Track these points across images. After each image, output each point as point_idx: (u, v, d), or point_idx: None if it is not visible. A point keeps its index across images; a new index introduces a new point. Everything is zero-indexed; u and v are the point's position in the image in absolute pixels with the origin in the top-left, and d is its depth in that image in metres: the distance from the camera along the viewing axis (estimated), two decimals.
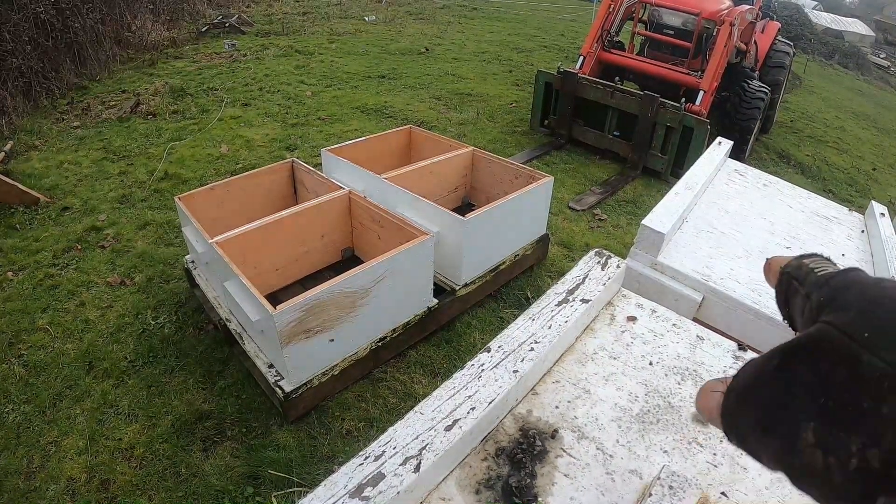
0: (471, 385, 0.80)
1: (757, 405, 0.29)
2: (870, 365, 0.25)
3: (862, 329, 0.26)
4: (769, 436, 0.28)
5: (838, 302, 0.29)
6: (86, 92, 6.44)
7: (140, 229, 3.98)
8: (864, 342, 0.25)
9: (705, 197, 1.70)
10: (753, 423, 0.29)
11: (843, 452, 0.24)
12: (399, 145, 4.18)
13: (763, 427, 0.29)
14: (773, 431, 0.28)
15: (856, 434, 0.24)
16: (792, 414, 0.27)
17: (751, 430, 0.30)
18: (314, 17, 10.69)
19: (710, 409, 0.33)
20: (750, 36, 6.57)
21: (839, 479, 0.25)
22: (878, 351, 0.25)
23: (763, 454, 0.30)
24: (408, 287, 2.81)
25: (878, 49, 18.79)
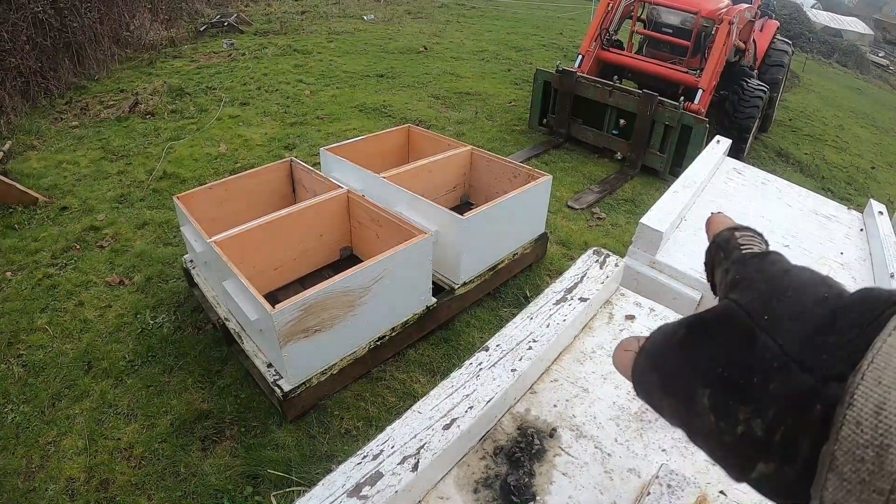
0: (469, 384, 0.80)
1: (661, 369, 0.32)
2: (764, 345, 0.27)
3: (762, 312, 0.28)
4: (670, 397, 0.31)
5: (748, 283, 0.31)
6: (84, 91, 6.43)
7: (139, 229, 3.97)
8: (762, 324, 0.28)
9: (704, 195, 1.70)
10: (658, 383, 0.32)
11: (731, 419, 0.27)
12: (398, 144, 4.18)
13: (665, 389, 0.32)
14: (674, 394, 0.31)
15: (744, 404, 0.27)
16: (691, 379, 0.30)
17: (655, 390, 0.33)
18: (313, 16, 10.68)
19: (623, 366, 0.36)
20: (749, 34, 6.57)
21: (728, 441, 0.28)
22: (773, 334, 0.27)
23: (664, 411, 0.33)
24: (406, 286, 2.81)
25: (877, 48, 18.80)
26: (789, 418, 0.25)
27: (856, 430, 0.22)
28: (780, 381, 0.26)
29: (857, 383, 0.23)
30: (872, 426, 0.22)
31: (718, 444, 0.28)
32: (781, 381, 0.26)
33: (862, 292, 0.27)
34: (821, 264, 1.44)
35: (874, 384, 0.22)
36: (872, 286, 0.27)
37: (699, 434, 0.30)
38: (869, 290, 0.27)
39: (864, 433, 0.22)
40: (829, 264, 1.45)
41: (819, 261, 1.45)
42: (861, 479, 0.22)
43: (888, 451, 0.21)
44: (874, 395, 0.22)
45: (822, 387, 0.24)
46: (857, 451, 0.22)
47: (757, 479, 0.27)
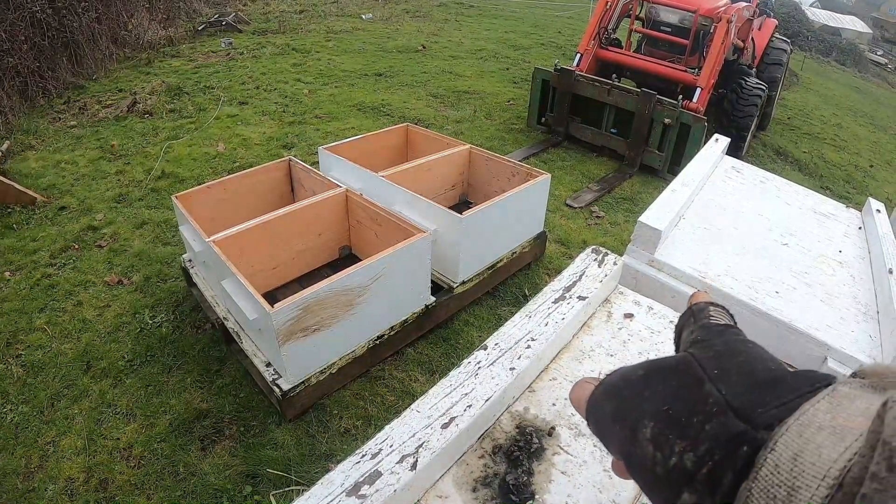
0: (467, 383, 0.80)
1: (616, 400, 0.36)
2: (709, 392, 0.31)
3: (713, 367, 0.33)
4: (618, 425, 0.35)
5: (707, 343, 0.36)
6: (82, 91, 6.42)
7: (137, 228, 3.97)
8: (711, 375, 0.32)
9: (702, 194, 1.70)
10: (610, 413, 0.36)
11: (668, 450, 0.30)
12: (396, 143, 4.18)
13: (615, 418, 0.35)
14: (622, 423, 0.34)
15: (681, 439, 0.30)
16: (639, 412, 0.33)
17: (605, 419, 0.36)
18: (311, 14, 10.66)
19: (579, 399, 0.40)
20: (747, 33, 6.57)
21: (660, 472, 0.30)
22: (719, 385, 0.31)
23: (611, 441, 0.36)
24: (405, 285, 2.81)
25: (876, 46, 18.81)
26: (718, 455, 0.28)
27: (773, 472, 0.25)
28: (716, 423, 0.29)
29: (782, 433, 0.26)
30: (788, 469, 0.25)
31: (651, 475, 0.31)
32: (717, 424, 0.29)
33: (805, 371, 0.31)
34: (819, 262, 1.44)
35: (796, 436, 0.26)
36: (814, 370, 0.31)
37: (636, 463, 0.33)
38: (811, 370, 0.31)
39: (780, 474, 0.25)
40: (828, 262, 1.45)
41: (818, 259, 1.45)
42: None
43: (798, 492, 0.24)
44: (794, 444, 0.25)
45: (751, 432, 0.28)
46: (771, 489, 0.25)
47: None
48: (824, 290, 1.33)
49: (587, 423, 0.40)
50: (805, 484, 0.24)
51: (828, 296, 1.31)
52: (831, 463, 0.24)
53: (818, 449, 0.24)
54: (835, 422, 0.25)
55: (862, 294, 1.34)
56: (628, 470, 0.35)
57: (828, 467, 0.24)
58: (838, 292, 1.33)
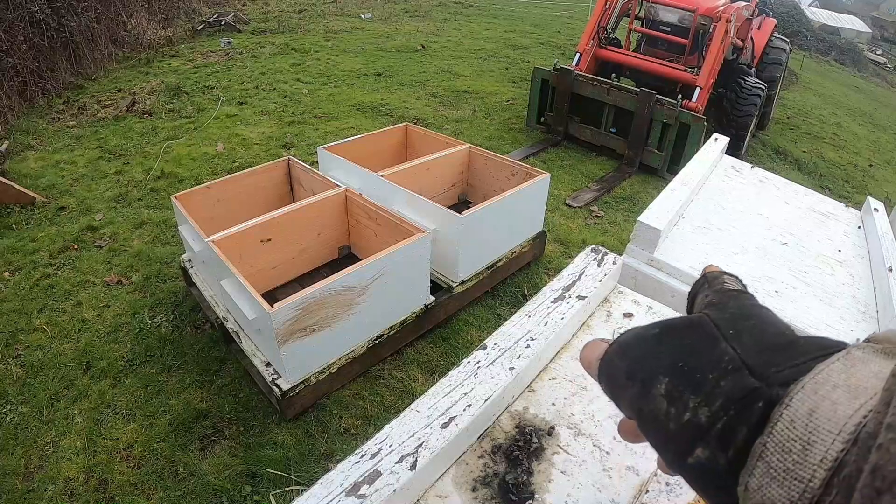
0: (467, 382, 0.80)
1: (629, 357, 0.36)
2: (724, 350, 0.31)
3: (728, 327, 0.33)
4: (630, 381, 0.35)
5: (722, 305, 0.36)
6: (81, 91, 6.42)
7: (136, 228, 3.97)
8: (726, 335, 0.32)
9: (702, 193, 1.70)
10: (623, 370, 0.36)
11: (682, 405, 0.31)
12: (395, 143, 4.18)
13: (628, 375, 0.35)
14: (635, 378, 0.35)
15: (695, 394, 0.30)
16: (653, 368, 0.33)
17: (618, 376, 0.37)
18: (310, 14, 10.66)
19: (590, 359, 0.41)
20: (746, 32, 6.57)
21: (673, 427, 0.31)
22: (732, 344, 0.32)
23: (622, 398, 0.36)
24: (405, 285, 2.81)
25: (875, 45, 18.82)
26: (732, 410, 0.29)
27: (789, 427, 0.26)
28: (731, 380, 0.30)
29: (798, 390, 0.26)
30: (804, 424, 0.25)
31: (664, 430, 0.32)
32: (732, 380, 0.29)
33: (816, 336, 0.31)
34: (819, 261, 1.44)
35: (811, 393, 0.26)
36: (826, 336, 0.31)
37: (649, 419, 0.33)
38: (823, 337, 0.31)
39: (795, 429, 0.25)
40: (827, 261, 1.45)
41: (817, 258, 1.45)
42: (786, 468, 0.25)
43: (814, 446, 0.24)
44: (810, 401, 0.26)
45: (766, 389, 0.28)
46: (787, 443, 0.25)
47: (691, 465, 0.30)
48: (823, 289, 1.33)
49: (598, 382, 0.40)
50: (821, 438, 0.24)
51: (827, 295, 1.31)
52: (846, 419, 0.24)
53: (833, 406, 0.25)
54: (849, 381, 0.26)
55: (861, 293, 1.34)
56: (640, 427, 0.35)
57: (843, 422, 0.24)
58: (837, 292, 1.33)
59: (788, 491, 0.25)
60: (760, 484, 0.26)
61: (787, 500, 0.25)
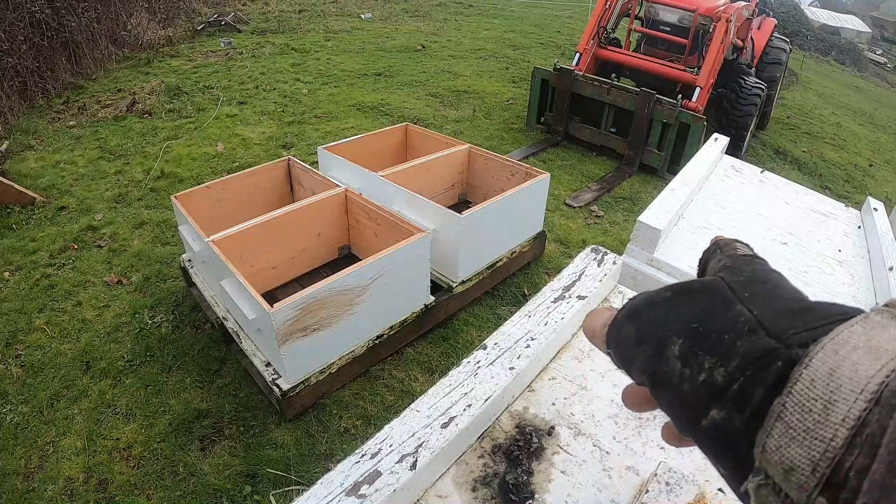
0: (467, 382, 0.80)
1: (641, 320, 0.35)
2: (739, 312, 0.31)
3: (743, 290, 0.32)
4: (641, 345, 0.34)
5: (736, 269, 0.35)
6: (82, 91, 6.42)
7: (136, 228, 3.97)
8: (741, 297, 0.32)
9: (701, 193, 1.70)
10: (634, 333, 0.35)
11: (696, 366, 0.30)
12: (395, 143, 4.18)
13: (639, 338, 0.35)
14: (646, 341, 0.34)
15: (711, 355, 0.30)
16: (666, 330, 0.33)
17: (629, 340, 0.36)
18: (310, 14, 10.66)
19: (594, 326, 0.40)
20: (746, 32, 6.57)
21: (687, 388, 0.30)
22: (748, 305, 0.31)
23: (633, 363, 0.35)
24: (405, 285, 2.81)
25: (875, 45, 18.82)
26: (749, 370, 0.28)
27: (809, 386, 0.25)
28: (747, 341, 0.29)
29: (818, 351, 0.26)
30: (824, 384, 0.25)
31: (677, 392, 0.31)
32: (749, 341, 0.29)
33: (835, 303, 0.30)
34: (819, 261, 1.44)
35: (831, 353, 0.25)
36: (841, 303, 0.30)
37: (662, 382, 0.32)
38: (838, 303, 0.30)
39: (815, 389, 0.25)
40: (827, 261, 1.45)
41: (817, 258, 1.45)
42: (806, 428, 0.25)
43: (835, 405, 0.24)
44: (830, 361, 0.25)
45: (784, 350, 0.28)
46: (807, 403, 0.25)
47: (705, 427, 0.29)
48: (824, 289, 1.33)
49: (606, 349, 0.39)
50: (842, 398, 0.24)
51: (827, 295, 1.31)
52: (868, 378, 0.24)
53: (854, 366, 0.25)
54: (870, 343, 0.25)
55: (861, 293, 1.34)
56: (652, 391, 0.34)
57: (865, 382, 0.24)
58: (838, 291, 1.33)
59: (808, 451, 0.24)
60: (779, 444, 0.25)
61: (807, 460, 0.24)
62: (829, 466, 0.24)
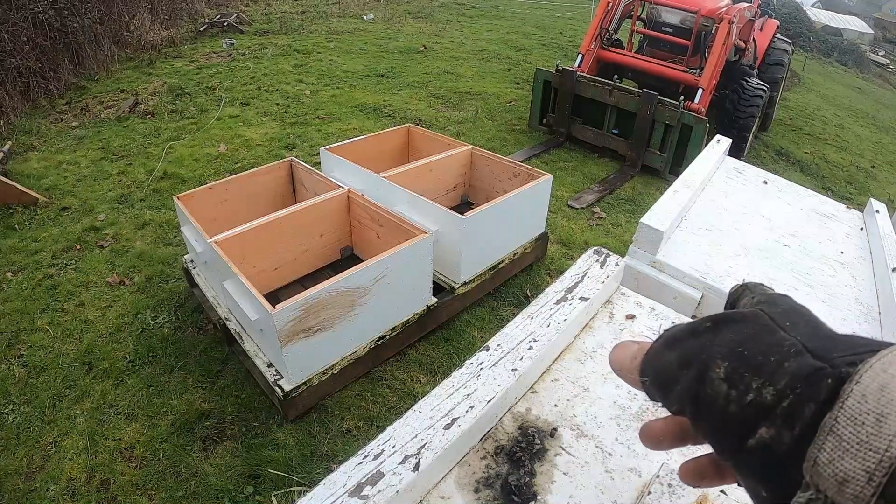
0: (470, 384, 0.80)
1: (682, 347, 0.36)
2: (783, 337, 0.31)
3: (784, 320, 0.33)
4: (685, 368, 0.34)
5: (773, 303, 0.36)
6: (84, 92, 6.43)
7: (139, 229, 3.97)
8: (782, 326, 0.33)
9: (704, 195, 1.70)
10: (675, 359, 0.36)
11: (743, 387, 0.30)
12: (398, 144, 4.18)
13: (682, 362, 0.35)
14: (690, 365, 0.34)
15: (758, 376, 0.30)
16: (710, 354, 0.33)
17: (669, 366, 0.36)
18: (312, 15, 10.67)
19: (623, 359, 0.41)
20: (749, 34, 6.57)
21: (734, 409, 0.31)
22: (791, 332, 0.32)
23: (673, 389, 0.35)
24: (407, 286, 2.81)
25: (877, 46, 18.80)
26: (799, 388, 0.28)
27: (860, 401, 0.26)
28: (794, 362, 0.30)
29: (867, 369, 0.27)
30: (875, 399, 0.25)
31: (722, 414, 0.31)
32: (796, 362, 0.30)
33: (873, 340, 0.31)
34: (821, 263, 1.44)
35: (880, 371, 0.26)
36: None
37: (706, 403, 0.33)
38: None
39: (867, 403, 0.26)
40: (830, 263, 1.45)
41: (819, 260, 1.45)
42: (859, 440, 0.25)
43: (887, 418, 0.25)
44: (880, 377, 0.26)
45: (831, 369, 0.28)
46: (859, 416, 0.26)
47: (751, 447, 0.30)
48: (826, 291, 1.33)
49: (642, 376, 0.39)
50: (895, 411, 0.25)
51: (830, 297, 1.31)
52: None
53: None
54: None
55: (864, 295, 1.34)
56: (693, 416, 0.34)
57: None
58: (840, 293, 1.33)
59: (863, 462, 0.25)
60: (832, 458, 0.26)
61: (862, 471, 0.25)
62: (885, 475, 0.24)
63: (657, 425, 0.41)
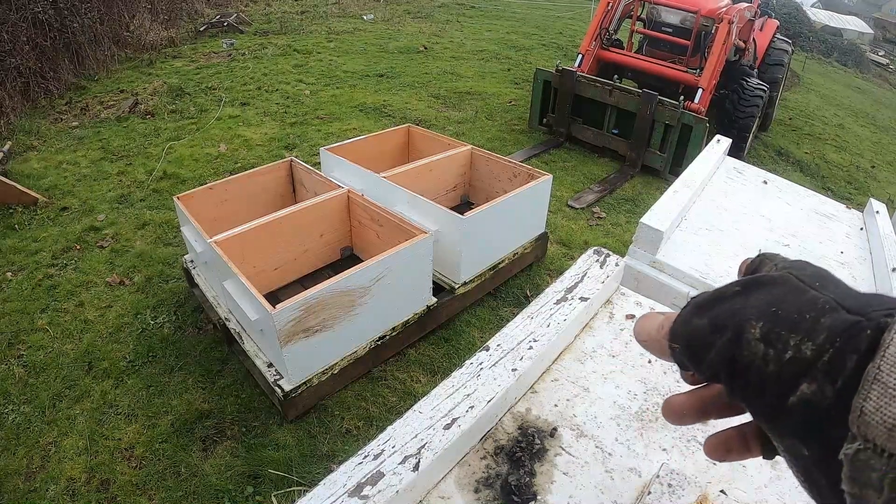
0: (470, 384, 0.80)
1: (713, 312, 0.35)
2: (816, 296, 0.32)
3: (813, 281, 0.33)
4: (718, 332, 0.34)
5: (799, 267, 0.36)
6: (84, 92, 6.43)
7: (139, 229, 3.97)
8: (812, 286, 0.33)
9: (704, 195, 1.70)
10: (706, 325, 0.35)
11: (781, 345, 0.30)
12: (398, 144, 4.18)
13: (714, 327, 0.34)
14: (724, 329, 0.34)
15: (795, 333, 0.30)
16: (743, 316, 0.33)
17: (700, 332, 0.35)
18: (312, 15, 10.67)
19: (648, 329, 0.40)
20: (748, 33, 6.57)
21: (772, 368, 0.30)
22: (822, 291, 0.32)
23: (706, 355, 0.35)
24: (407, 286, 2.81)
25: (877, 46, 18.81)
26: (839, 341, 0.29)
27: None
28: (830, 317, 0.30)
29: None
30: None
31: (760, 374, 0.31)
32: (832, 318, 0.30)
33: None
34: (821, 263, 1.43)
35: None
36: None
37: (743, 365, 0.32)
38: None
39: None
40: (829, 263, 1.45)
41: (819, 260, 1.45)
42: None
43: None
44: None
45: (868, 321, 0.29)
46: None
47: (793, 404, 0.30)
48: None
49: (671, 344, 0.38)
50: None
51: None
52: None
53: None
54: None
55: None
56: (729, 379, 0.34)
57: None
58: None
59: None
60: (878, 405, 0.26)
61: None
62: None
63: (679, 399, 0.40)
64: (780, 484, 0.75)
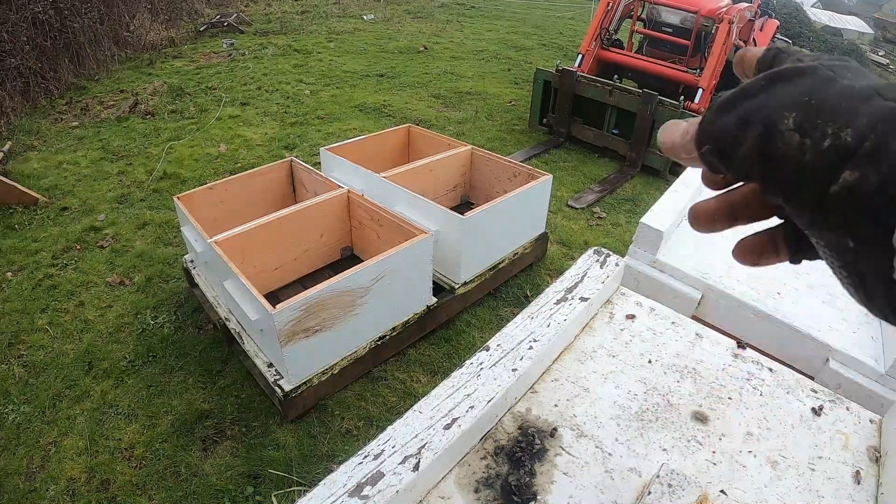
0: (470, 384, 0.80)
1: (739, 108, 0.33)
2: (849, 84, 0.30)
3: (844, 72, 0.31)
4: (748, 127, 0.32)
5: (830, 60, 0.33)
6: (84, 92, 6.44)
7: (139, 229, 3.97)
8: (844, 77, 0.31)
9: (704, 195, 1.70)
10: (734, 121, 0.33)
11: (818, 133, 0.29)
12: (398, 144, 4.18)
13: (741, 123, 0.32)
14: (753, 123, 0.32)
15: (833, 120, 0.29)
16: (774, 108, 0.31)
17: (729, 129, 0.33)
18: (312, 15, 10.67)
19: (673, 136, 0.38)
20: (748, 33, 6.57)
21: (810, 157, 0.29)
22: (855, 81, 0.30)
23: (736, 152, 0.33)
24: (407, 286, 2.81)
25: (877, 47, 18.80)
26: (881, 126, 0.27)
27: None
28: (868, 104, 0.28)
29: None
30: None
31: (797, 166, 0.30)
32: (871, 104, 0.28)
33: None
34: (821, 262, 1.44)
35: None
36: None
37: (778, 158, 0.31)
38: None
39: None
40: None
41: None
42: None
43: None
44: None
45: None
46: None
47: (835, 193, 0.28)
48: (826, 290, 1.33)
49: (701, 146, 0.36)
50: None
51: (830, 297, 1.31)
52: None
53: None
54: None
55: None
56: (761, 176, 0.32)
57: None
58: (840, 293, 1.33)
59: None
60: None
61: None
62: None
63: (707, 204, 0.39)
64: (780, 484, 0.75)
